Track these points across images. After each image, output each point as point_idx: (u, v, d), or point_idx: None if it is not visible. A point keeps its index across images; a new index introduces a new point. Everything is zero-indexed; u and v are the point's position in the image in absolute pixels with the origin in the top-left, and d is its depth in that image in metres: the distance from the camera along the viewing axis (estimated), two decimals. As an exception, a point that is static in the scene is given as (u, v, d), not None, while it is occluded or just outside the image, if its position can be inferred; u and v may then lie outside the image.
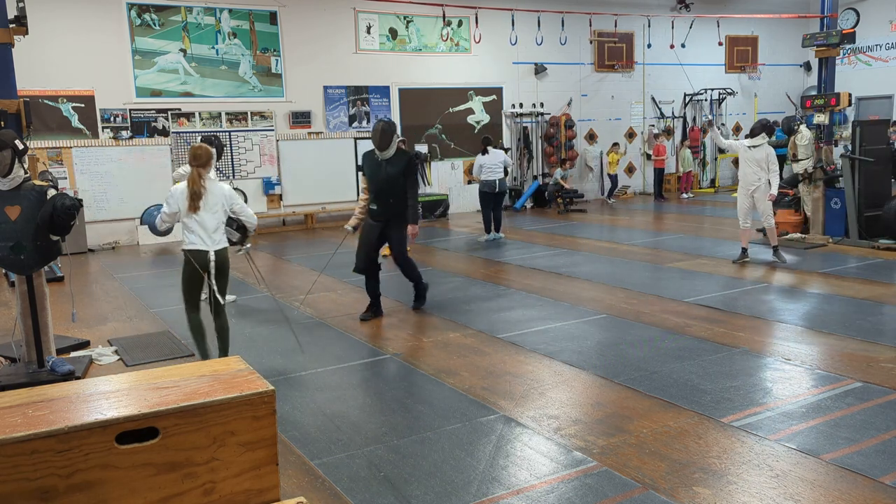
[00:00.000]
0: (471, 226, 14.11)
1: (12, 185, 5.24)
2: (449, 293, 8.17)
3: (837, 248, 10.09)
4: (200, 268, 5.28)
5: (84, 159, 12.63)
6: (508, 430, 4.37)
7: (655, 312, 6.96)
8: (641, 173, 18.78)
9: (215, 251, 5.30)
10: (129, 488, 2.51)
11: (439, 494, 3.61)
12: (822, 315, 6.72)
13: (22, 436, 2.36)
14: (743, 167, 9.07)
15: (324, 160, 14.56)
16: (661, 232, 12.33)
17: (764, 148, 8.86)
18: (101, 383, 2.89)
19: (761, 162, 8.85)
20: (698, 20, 17.04)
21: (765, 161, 8.84)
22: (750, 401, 4.68)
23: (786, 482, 3.61)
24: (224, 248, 5.42)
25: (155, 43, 13.03)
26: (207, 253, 5.28)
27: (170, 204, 5.37)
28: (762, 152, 8.85)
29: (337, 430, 4.47)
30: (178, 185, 5.42)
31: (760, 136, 8.90)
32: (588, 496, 3.55)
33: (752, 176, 8.92)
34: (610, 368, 5.41)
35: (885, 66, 18.84)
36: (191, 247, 5.30)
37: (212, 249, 5.29)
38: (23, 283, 5.49)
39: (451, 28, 15.72)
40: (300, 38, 14.27)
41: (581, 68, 17.51)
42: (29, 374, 5.48)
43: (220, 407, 2.64)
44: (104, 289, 9.14)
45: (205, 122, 13.50)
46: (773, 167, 8.84)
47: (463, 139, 16.32)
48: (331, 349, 6.12)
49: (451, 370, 5.50)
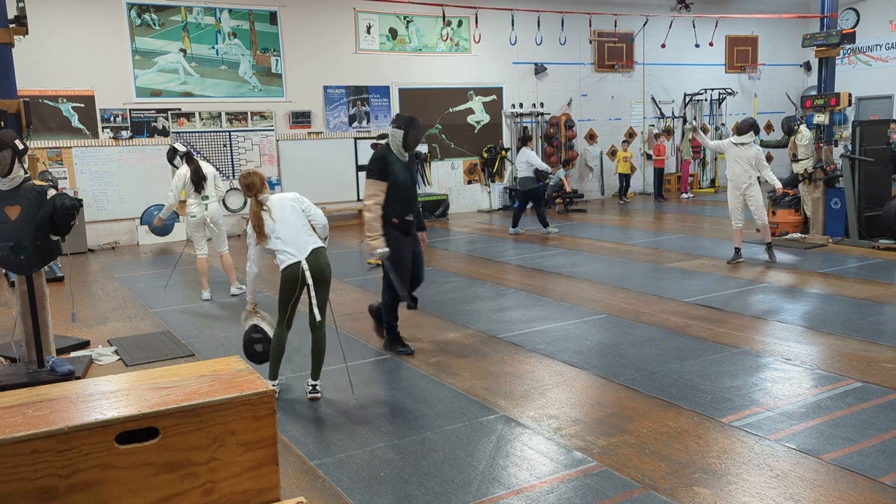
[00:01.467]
0: (471, 226, 14.11)
1: (12, 185, 5.24)
2: (449, 293, 8.17)
3: (837, 248, 10.09)
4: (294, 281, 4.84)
5: (84, 159, 12.63)
6: (508, 430, 4.37)
7: (655, 312, 6.96)
8: (641, 173, 18.78)
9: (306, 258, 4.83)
10: (129, 488, 2.51)
11: (439, 494, 3.61)
12: (822, 315, 6.72)
13: (22, 436, 2.35)
14: (732, 166, 9.07)
15: (324, 160, 14.56)
16: (661, 232, 12.33)
17: (752, 146, 8.91)
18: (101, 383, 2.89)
19: (751, 160, 8.89)
20: (699, 20, 17.04)
21: (754, 159, 8.88)
22: (750, 401, 4.68)
23: (786, 482, 3.61)
24: (319, 247, 4.94)
25: (155, 43, 13.03)
26: (300, 263, 4.83)
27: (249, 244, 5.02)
28: (751, 150, 8.89)
29: (337, 430, 4.47)
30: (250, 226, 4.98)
31: (748, 135, 8.91)
32: (588, 496, 3.55)
33: (743, 175, 8.95)
34: (610, 368, 5.41)
35: (885, 66, 18.84)
36: (284, 265, 4.86)
37: (302, 258, 4.83)
38: (23, 283, 5.49)
39: (451, 28, 15.72)
40: (300, 38, 14.27)
41: (581, 68, 17.51)
42: (29, 374, 5.49)
43: (220, 407, 2.63)
44: (104, 289, 9.14)
45: (205, 122, 13.50)
46: (762, 163, 8.92)
47: (463, 139, 16.32)
48: (331, 349, 6.11)
49: (451, 370, 5.50)
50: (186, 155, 8.12)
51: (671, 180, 18.76)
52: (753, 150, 8.92)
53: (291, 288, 4.86)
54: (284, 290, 4.90)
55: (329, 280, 4.97)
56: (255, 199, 4.94)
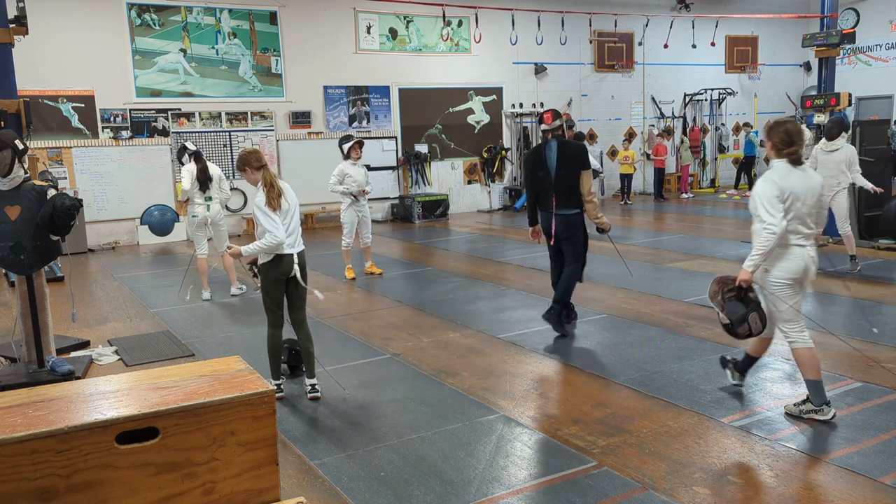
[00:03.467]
0: (471, 226, 14.11)
1: (12, 185, 5.24)
2: (449, 293, 8.17)
3: (837, 248, 10.08)
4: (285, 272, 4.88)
5: (84, 159, 12.63)
6: (508, 430, 4.37)
7: (655, 312, 6.96)
8: (641, 173, 18.78)
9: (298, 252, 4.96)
10: (129, 488, 2.51)
11: (439, 494, 3.61)
12: (822, 315, 6.72)
13: (22, 436, 2.36)
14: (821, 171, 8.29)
15: (324, 160, 14.52)
16: (661, 232, 12.33)
17: (844, 149, 8.29)
18: (101, 383, 2.89)
19: (840, 164, 8.26)
20: (699, 20, 17.04)
21: (844, 162, 8.25)
22: (750, 401, 4.68)
23: (786, 482, 3.61)
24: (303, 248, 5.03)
25: (155, 43, 13.03)
26: (293, 256, 4.92)
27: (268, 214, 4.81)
28: (841, 154, 8.27)
29: (337, 430, 4.47)
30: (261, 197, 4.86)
31: (840, 138, 8.31)
32: (588, 496, 3.55)
33: (832, 180, 8.18)
34: (610, 368, 5.41)
35: (885, 66, 18.84)
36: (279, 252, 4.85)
37: (295, 252, 4.93)
38: (23, 283, 5.49)
39: (451, 28, 15.72)
40: (300, 38, 14.27)
41: (581, 68, 17.51)
42: (29, 374, 5.48)
43: (220, 407, 2.64)
44: (104, 289, 9.14)
45: (205, 122, 13.50)
46: (855, 167, 8.28)
47: (463, 139, 16.32)
48: (331, 349, 6.12)
49: (451, 370, 5.50)
50: (195, 154, 8.17)
51: (671, 180, 18.76)
52: (844, 152, 8.27)
53: (280, 280, 4.89)
54: (274, 285, 4.90)
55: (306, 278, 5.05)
56: (268, 170, 4.94)
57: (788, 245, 4.21)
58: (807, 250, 4.24)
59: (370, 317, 7.24)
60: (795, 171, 4.20)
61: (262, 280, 4.93)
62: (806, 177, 4.21)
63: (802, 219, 4.20)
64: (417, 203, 15.10)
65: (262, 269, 4.91)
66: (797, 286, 4.29)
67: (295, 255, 4.92)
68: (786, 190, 4.12)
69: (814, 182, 4.24)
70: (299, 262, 4.94)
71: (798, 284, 4.28)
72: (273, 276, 4.88)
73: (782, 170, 4.20)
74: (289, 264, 4.88)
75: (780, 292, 4.27)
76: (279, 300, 4.96)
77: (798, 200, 4.14)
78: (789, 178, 4.17)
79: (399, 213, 15.41)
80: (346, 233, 8.99)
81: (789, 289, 4.26)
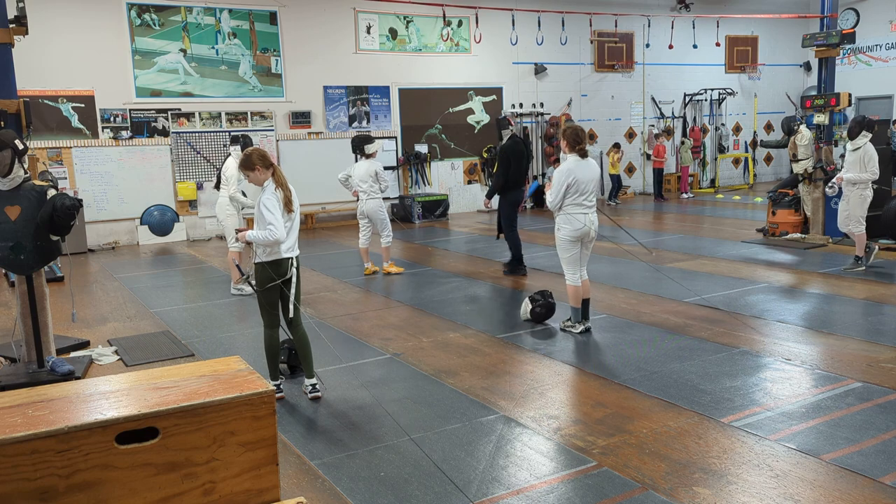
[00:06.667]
0: (471, 226, 14.11)
1: (12, 185, 5.24)
2: (449, 293, 8.17)
3: (837, 248, 10.09)
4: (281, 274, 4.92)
5: (84, 159, 12.63)
6: (508, 430, 4.37)
7: (655, 312, 6.96)
8: (641, 173, 18.79)
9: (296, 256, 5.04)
10: (129, 488, 2.51)
11: (439, 494, 3.61)
12: (822, 315, 6.72)
13: (22, 436, 2.36)
14: (848, 170, 8.59)
15: (324, 160, 14.54)
16: (661, 232, 12.33)
17: (865, 147, 8.41)
18: (101, 383, 2.89)
19: (856, 162, 8.41)
20: (699, 20, 17.05)
21: (859, 161, 8.39)
22: (750, 401, 4.68)
23: (786, 482, 3.61)
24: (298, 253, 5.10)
25: (155, 43, 13.03)
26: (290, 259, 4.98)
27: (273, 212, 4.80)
28: (859, 152, 8.41)
29: (337, 430, 4.47)
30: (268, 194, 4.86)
31: (861, 136, 8.45)
32: (588, 496, 3.55)
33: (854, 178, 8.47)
34: (610, 368, 5.41)
35: (885, 66, 18.85)
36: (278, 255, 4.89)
37: (293, 255, 5.01)
38: (23, 283, 5.49)
39: (451, 28, 15.72)
40: (300, 38, 14.27)
41: (581, 68, 17.51)
42: (29, 374, 5.49)
43: (220, 407, 2.64)
44: (104, 289, 9.14)
45: (205, 122, 13.50)
46: (870, 165, 8.37)
47: (463, 139, 16.32)
48: (331, 349, 6.12)
49: (451, 370, 5.50)
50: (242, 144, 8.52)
51: (671, 180, 18.76)
52: (862, 151, 8.40)
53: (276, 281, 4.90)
54: (270, 286, 4.90)
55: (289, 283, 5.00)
56: (278, 169, 4.97)
57: (572, 213, 6.08)
58: (588, 216, 6.09)
59: (370, 317, 7.24)
60: (581, 162, 6.05)
61: (258, 280, 4.95)
62: (588, 165, 6.08)
63: (585, 195, 6.07)
64: (417, 203, 15.11)
65: (259, 269, 4.91)
66: (578, 242, 6.18)
67: (293, 258, 4.98)
68: (572, 174, 5.99)
69: (594, 170, 6.14)
70: (296, 265, 5.01)
71: (579, 241, 6.18)
72: (269, 277, 4.90)
73: (571, 161, 6.03)
74: (285, 267, 4.93)
75: (562, 245, 6.23)
76: (274, 301, 4.98)
77: (581, 182, 6.01)
78: (577, 167, 6.04)
79: (399, 213, 15.42)
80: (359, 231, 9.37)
81: (570, 244, 6.17)
